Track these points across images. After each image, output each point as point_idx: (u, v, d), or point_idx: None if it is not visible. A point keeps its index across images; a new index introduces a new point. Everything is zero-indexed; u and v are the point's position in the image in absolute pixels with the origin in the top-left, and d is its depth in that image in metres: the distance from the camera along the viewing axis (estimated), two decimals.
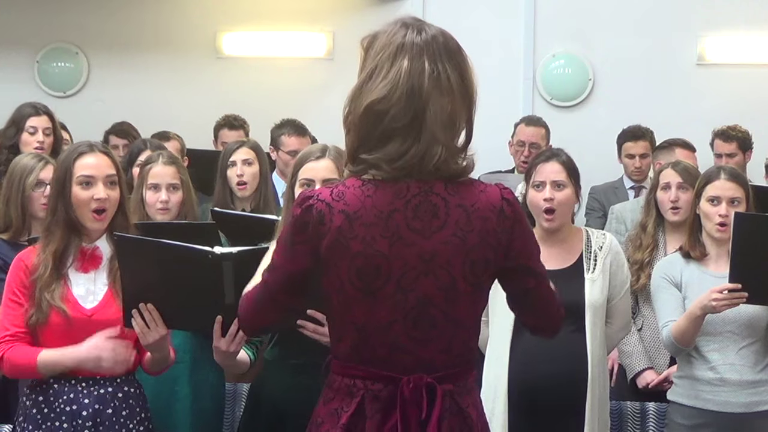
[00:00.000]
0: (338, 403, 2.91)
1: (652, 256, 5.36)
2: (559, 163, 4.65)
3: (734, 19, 8.39)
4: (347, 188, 2.84)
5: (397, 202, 2.82)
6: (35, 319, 3.83)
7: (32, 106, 6.28)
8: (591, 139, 7.90)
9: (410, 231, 2.82)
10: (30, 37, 9.10)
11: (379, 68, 2.87)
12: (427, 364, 2.88)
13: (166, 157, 5.14)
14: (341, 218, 2.80)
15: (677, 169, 5.47)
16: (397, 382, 2.86)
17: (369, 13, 8.68)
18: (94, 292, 3.92)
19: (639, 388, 5.30)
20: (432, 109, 2.81)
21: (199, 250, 3.56)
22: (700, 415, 4.65)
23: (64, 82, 9.20)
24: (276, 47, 9.05)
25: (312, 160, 3.97)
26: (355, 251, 2.80)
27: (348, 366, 2.91)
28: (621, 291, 4.61)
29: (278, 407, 3.92)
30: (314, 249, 2.83)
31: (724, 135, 7.23)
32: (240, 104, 7.99)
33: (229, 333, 3.61)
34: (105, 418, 3.87)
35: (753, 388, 4.63)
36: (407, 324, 2.85)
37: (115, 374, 3.88)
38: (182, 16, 9.02)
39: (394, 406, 2.86)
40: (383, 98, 2.82)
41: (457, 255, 2.84)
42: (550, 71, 8.68)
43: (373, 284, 2.82)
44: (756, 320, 4.65)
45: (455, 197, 2.85)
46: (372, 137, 2.84)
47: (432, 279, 2.84)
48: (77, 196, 3.90)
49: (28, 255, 3.96)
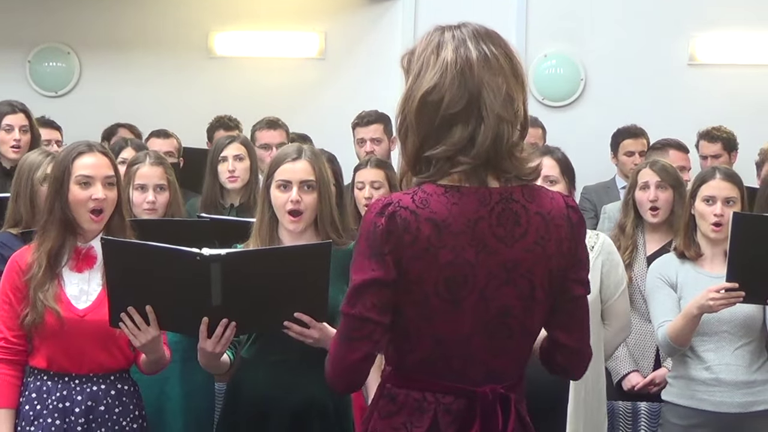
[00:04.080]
0: (405, 418, 2.80)
1: (631, 258, 5.33)
2: (554, 160, 4.64)
3: (725, 20, 8.39)
4: (429, 195, 2.72)
5: (482, 210, 2.72)
6: (30, 319, 3.83)
7: (8, 104, 6.27)
8: (582, 138, 7.87)
9: (495, 239, 2.73)
10: (22, 36, 9.08)
11: (425, 65, 2.78)
12: (497, 374, 2.81)
13: (153, 158, 5.16)
14: (429, 227, 2.69)
15: (655, 168, 5.43)
16: (468, 394, 2.78)
17: (361, 13, 8.66)
18: (88, 293, 3.90)
19: (624, 391, 5.27)
20: (487, 88, 2.73)
21: (187, 251, 3.52)
22: (696, 415, 4.66)
23: (55, 82, 9.16)
24: (268, 47, 9.03)
25: (288, 161, 3.96)
26: (444, 262, 2.69)
27: (415, 379, 2.81)
28: (617, 292, 4.58)
29: (258, 404, 3.89)
30: (398, 259, 2.70)
31: (708, 136, 7.22)
32: (232, 104, 7.97)
33: (215, 334, 3.57)
34: (97, 415, 3.86)
35: (748, 389, 4.64)
36: (486, 335, 2.77)
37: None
38: (174, 16, 8.99)
39: (469, 419, 2.77)
40: (435, 86, 2.73)
41: (539, 263, 2.76)
42: (542, 71, 8.67)
43: (459, 294, 2.72)
44: (751, 320, 4.65)
45: (533, 204, 2.77)
46: (432, 130, 2.74)
47: (512, 288, 2.75)
48: (75, 195, 3.89)
49: (22, 255, 3.95)
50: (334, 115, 7.70)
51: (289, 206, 3.91)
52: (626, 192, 5.61)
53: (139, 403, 4.01)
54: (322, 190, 3.96)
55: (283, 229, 3.97)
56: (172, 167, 5.31)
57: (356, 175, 5.50)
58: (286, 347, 3.67)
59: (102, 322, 3.72)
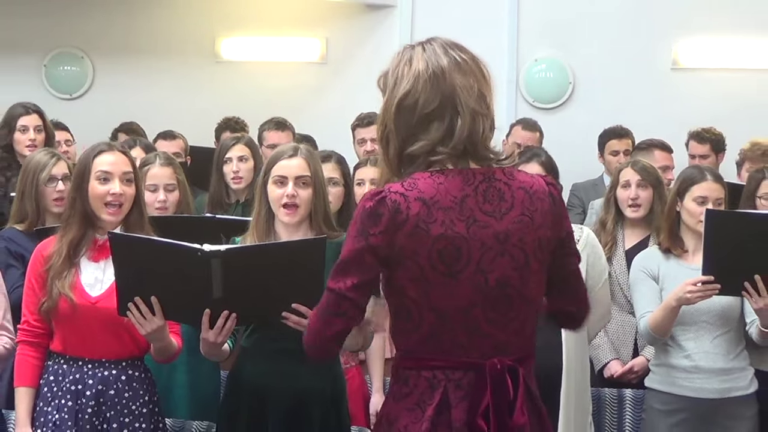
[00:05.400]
0: (417, 398, 2.83)
1: (611, 252, 5.35)
2: (539, 164, 4.68)
3: (707, 26, 8.39)
4: (417, 179, 2.80)
5: (467, 188, 2.80)
6: (47, 305, 3.89)
7: (22, 105, 6.27)
8: (571, 139, 7.88)
9: (483, 214, 2.80)
10: (38, 42, 9.09)
11: (399, 79, 2.87)
12: (503, 347, 2.84)
13: (163, 159, 5.17)
14: (418, 205, 2.76)
15: (636, 168, 5.45)
16: (477, 367, 2.81)
17: (360, 20, 8.67)
18: (102, 281, 3.93)
19: (605, 378, 5.29)
20: (460, 87, 2.82)
21: (189, 247, 3.53)
22: (676, 401, 4.66)
23: (70, 85, 9.19)
24: (272, 52, 9.04)
25: (285, 158, 3.98)
26: (436, 235, 2.76)
27: (425, 359, 2.84)
28: (600, 281, 4.63)
29: (258, 391, 3.90)
30: (390, 241, 2.77)
31: (698, 137, 7.20)
32: (238, 106, 7.96)
33: (216, 325, 3.58)
34: (107, 398, 3.89)
35: (726, 375, 4.65)
36: (486, 306, 2.81)
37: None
38: (182, 22, 9.00)
39: (480, 392, 2.80)
40: (409, 92, 2.83)
41: (528, 233, 2.82)
42: (533, 75, 8.68)
43: (454, 267, 2.77)
44: (729, 311, 4.66)
45: (515, 181, 2.85)
46: (411, 130, 2.83)
47: (508, 259, 2.81)
48: (94, 190, 3.94)
49: (46, 246, 4.02)
50: (334, 117, 7.70)
51: (285, 200, 3.92)
52: (608, 190, 5.63)
53: (151, 389, 4.02)
54: (316, 186, 3.97)
55: (279, 224, 3.98)
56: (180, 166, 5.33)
57: (356, 173, 5.51)
58: (284, 337, 3.65)
59: (113, 309, 3.74)
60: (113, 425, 3.88)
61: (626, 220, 5.45)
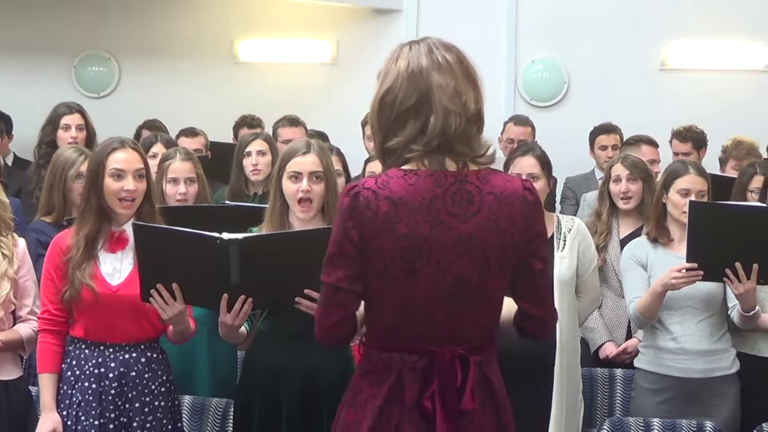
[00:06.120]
0: (377, 375, 2.85)
1: (606, 241, 5.34)
2: (534, 157, 4.65)
3: (693, 29, 8.38)
4: (391, 178, 2.79)
5: (437, 190, 2.78)
6: (69, 295, 3.87)
7: (66, 105, 6.29)
8: (566, 135, 7.86)
9: (449, 216, 2.78)
10: (68, 44, 9.11)
11: (385, 75, 2.86)
12: (459, 336, 2.83)
13: (183, 154, 5.19)
14: (387, 204, 2.75)
15: (626, 163, 5.43)
16: (432, 354, 2.81)
17: (369, 23, 8.65)
18: (120, 271, 3.93)
19: (600, 359, 5.28)
20: (436, 86, 2.79)
21: (209, 236, 3.54)
22: (663, 381, 4.67)
23: (98, 85, 9.20)
24: (286, 53, 9.03)
25: (299, 155, 3.97)
26: (401, 234, 2.75)
27: (385, 341, 2.86)
28: (590, 268, 4.60)
29: (272, 372, 3.90)
30: (361, 233, 2.77)
31: (680, 135, 7.16)
32: (254, 104, 7.95)
33: (233, 309, 3.59)
34: (129, 379, 3.89)
35: (710, 356, 4.65)
36: (444, 301, 2.80)
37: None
38: (202, 26, 9.01)
39: (432, 376, 2.81)
40: (389, 89, 2.82)
41: (491, 237, 2.79)
42: (530, 75, 8.67)
43: (415, 264, 2.77)
44: (713, 296, 4.66)
45: (487, 185, 2.82)
46: (390, 126, 2.82)
47: (468, 260, 2.79)
48: (109, 186, 3.91)
49: (63, 238, 3.98)
50: (345, 114, 7.67)
51: (300, 195, 3.92)
52: (602, 184, 5.62)
53: (167, 369, 4.03)
54: (328, 180, 3.98)
55: (293, 215, 3.98)
56: (201, 160, 5.35)
57: (367, 166, 5.52)
58: (297, 321, 3.65)
59: (133, 296, 3.75)
60: (135, 404, 3.89)
61: (620, 211, 5.44)
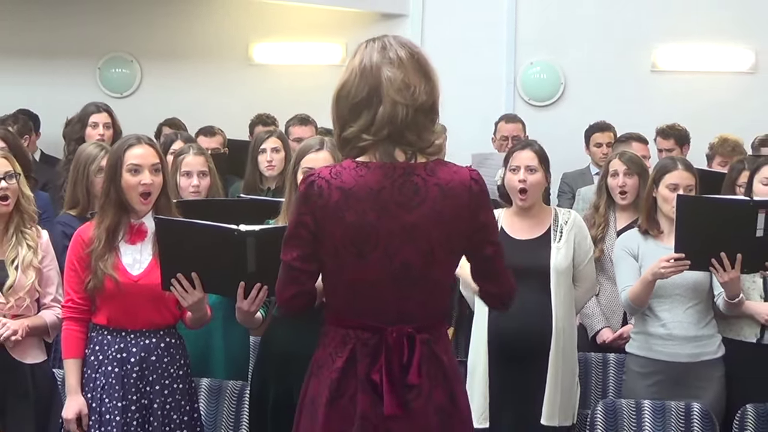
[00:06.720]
0: (333, 349, 2.92)
1: (603, 233, 5.35)
2: (532, 151, 4.66)
3: (683, 33, 8.36)
4: (344, 169, 2.86)
5: (385, 182, 2.84)
6: (92, 284, 3.87)
7: (94, 104, 6.33)
8: (562, 133, 7.84)
9: (396, 206, 2.84)
10: (92, 47, 9.12)
11: (345, 71, 2.92)
12: (407, 316, 2.89)
13: (196, 149, 5.22)
14: (338, 193, 2.82)
15: (623, 159, 5.43)
16: (382, 331, 2.87)
17: (376, 27, 8.58)
18: (140, 261, 3.93)
19: (597, 344, 5.28)
20: (384, 79, 2.82)
21: (226, 228, 3.55)
22: (653, 365, 4.67)
23: (121, 85, 9.20)
24: (299, 55, 9.02)
25: (313, 152, 3.98)
26: (349, 221, 2.82)
27: (341, 318, 2.92)
28: (586, 258, 4.62)
29: (284, 356, 3.91)
30: (314, 219, 2.84)
31: (663, 133, 7.14)
32: (268, 104, 7.93)
33: (250, 296, 3.62)
34: (149, 364, 3.90)
35: (697, 342, 4.66)
36: (391, 283, 2.86)
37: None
38: (220, 30, 9.00)
39: (380, 352, 2.87)
40: (344, 84, 2.88)
41: (435, 226, 2.85)
42: (529, 76, 8.65)
43: (364, 249, 2.83)
44: (700, 285, 4.67)
45: (433, 177, 2.87)
46: (345, 118, 2.87)
47: (413, 246, 2.85)
48: (127, 181, 3.91)
49: (85, 230, 3.98)
50: None
51: None
52: (600, 179, 5.64)
53: (184, 353, 4.04)
54: None
55: None
56: (219, 157, 5.36)
57: None
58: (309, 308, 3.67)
59: (153, 285, 3.76)
60: (155, 387, 3.90)
61: (617, 204, 5.44)
